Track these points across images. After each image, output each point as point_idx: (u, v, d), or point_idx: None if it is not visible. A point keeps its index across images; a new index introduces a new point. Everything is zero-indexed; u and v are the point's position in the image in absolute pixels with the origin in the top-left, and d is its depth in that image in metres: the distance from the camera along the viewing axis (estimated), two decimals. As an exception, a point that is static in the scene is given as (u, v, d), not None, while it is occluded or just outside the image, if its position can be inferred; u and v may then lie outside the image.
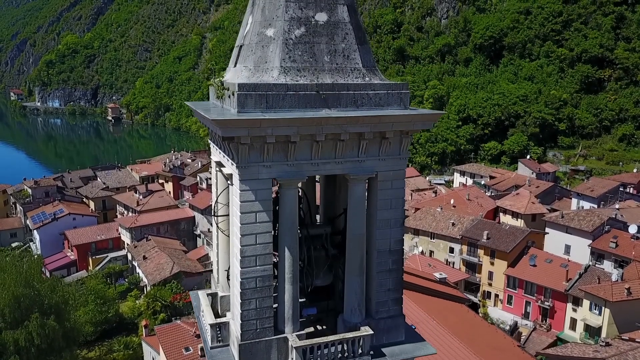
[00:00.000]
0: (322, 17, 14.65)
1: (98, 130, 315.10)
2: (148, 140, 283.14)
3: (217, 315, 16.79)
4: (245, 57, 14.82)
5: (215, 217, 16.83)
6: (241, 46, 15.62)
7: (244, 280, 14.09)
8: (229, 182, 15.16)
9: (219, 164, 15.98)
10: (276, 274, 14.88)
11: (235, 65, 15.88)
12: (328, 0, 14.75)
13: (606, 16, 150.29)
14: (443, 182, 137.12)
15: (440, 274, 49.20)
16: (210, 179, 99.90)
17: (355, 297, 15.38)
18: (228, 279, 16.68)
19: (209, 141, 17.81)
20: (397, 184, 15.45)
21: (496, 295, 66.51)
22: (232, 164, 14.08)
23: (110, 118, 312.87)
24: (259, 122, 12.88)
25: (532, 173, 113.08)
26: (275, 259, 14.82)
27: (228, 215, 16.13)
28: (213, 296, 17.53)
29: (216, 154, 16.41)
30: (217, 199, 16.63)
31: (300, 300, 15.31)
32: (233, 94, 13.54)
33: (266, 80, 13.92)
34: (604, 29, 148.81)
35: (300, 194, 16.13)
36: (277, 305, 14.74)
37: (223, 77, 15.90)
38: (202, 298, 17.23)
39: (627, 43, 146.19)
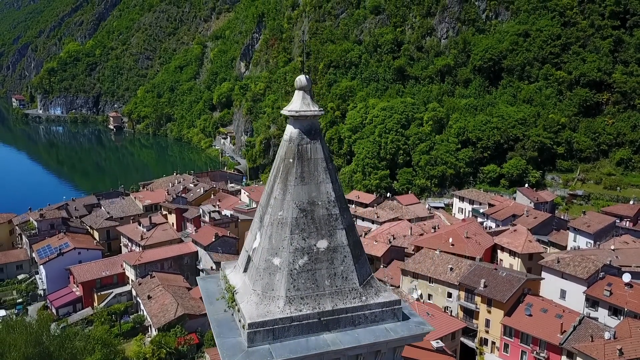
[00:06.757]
0: (322, 244, 16.16)
1: (100, 139, 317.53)
2: (150, 150, 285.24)
3: None
4: (254, 280, 16.32)
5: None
6: (250, 257, 17.12)
7: None
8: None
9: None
10: None
11: (244, 271, 17.36)
12: (328, 227, 16.24)
13: (604, 39, 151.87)
14: (442, 205, 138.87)
15: (437, 342, 50.87)
16: (212, 212, 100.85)
17: None
18: None
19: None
20: (392, 385, 16.96)
21: (493, 343, 68.16)
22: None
23: (111, 127, 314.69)
24: (265, 362, 14.43)
25: (530, 202, 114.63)
26: None
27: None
28: None
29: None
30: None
31: None
32: (244, 327, 15.11)
33: (273, 311, 15.42)
34: (602, 52, 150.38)
35: None
36: None
37: (234, 286, 17.30)
38: None
39: (625, 67, 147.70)
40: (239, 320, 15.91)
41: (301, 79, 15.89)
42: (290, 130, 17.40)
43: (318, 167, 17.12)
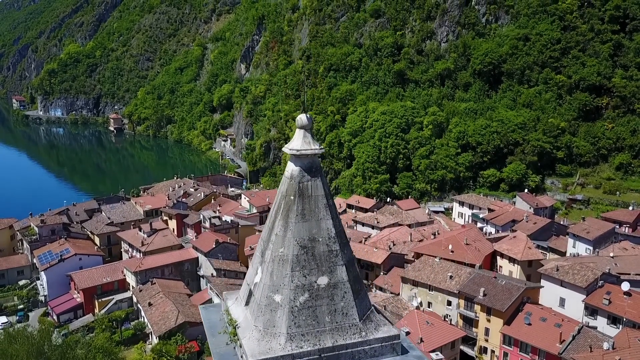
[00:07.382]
0: (323, 280, 16.39)
1: (100, 140, 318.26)
2: (150, 152, 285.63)
3: None
4: (256, 316, 16.58)
5: None
6: (251, 291, 17.38)
7: None
8: None
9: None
10: None
11: (246, 304, 17.61)
12: (329, 264, 16.47)
13: (604, 44, 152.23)
14: (442, 209, 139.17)
15: (437, 355, 51.11)
16: (213, 217, 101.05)
17: None
18: None
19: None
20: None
21: (492, 351, 68.40)
22: None
23: (112, 128, 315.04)
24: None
25: (530, 208, 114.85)
26: None
27: None
28: None
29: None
30: None
31: None
32: (246, 360, 15.39)
33: (274, 348, 15.67)
34: (601, 56, 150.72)
35: None
36: None
37: (236, 320, 17.56)
38: None
39: (624, 71, 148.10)
40: (241, 356, 16.18)
41: (302, 119, 16.09)
42: (291, 168, 17.66)
43: (319, 204, 17.37)
